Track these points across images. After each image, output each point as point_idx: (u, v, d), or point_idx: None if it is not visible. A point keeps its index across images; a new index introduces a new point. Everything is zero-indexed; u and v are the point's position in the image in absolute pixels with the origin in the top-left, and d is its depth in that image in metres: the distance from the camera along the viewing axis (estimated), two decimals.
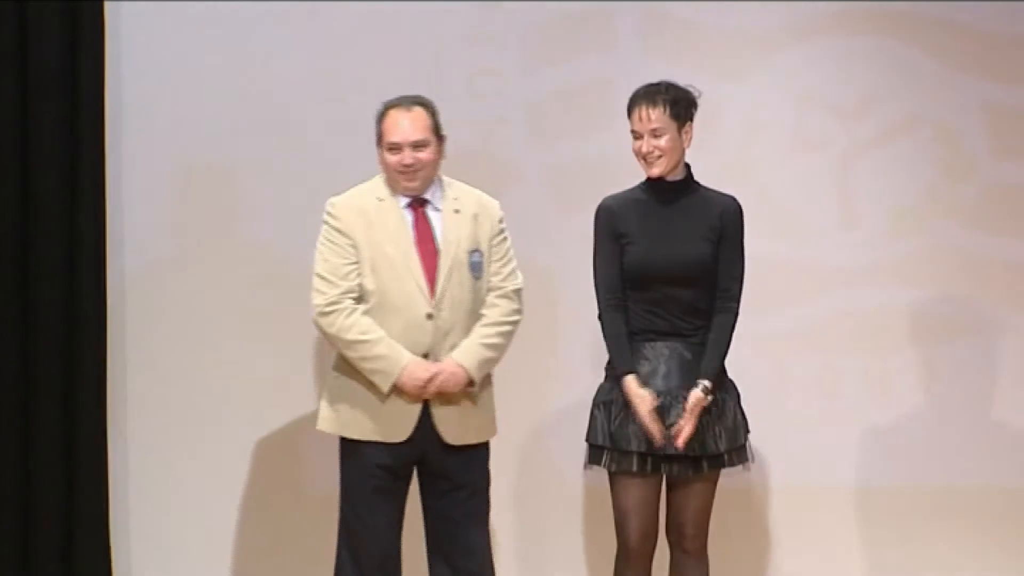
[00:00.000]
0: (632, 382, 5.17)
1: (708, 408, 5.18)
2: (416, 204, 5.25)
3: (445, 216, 5.23)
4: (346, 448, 5.24)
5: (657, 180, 5.24)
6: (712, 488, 5.28)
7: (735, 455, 5.26)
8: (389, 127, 5.20)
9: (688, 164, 5.27)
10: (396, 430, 5.15)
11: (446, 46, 6.26)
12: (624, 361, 5.20)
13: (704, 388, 5.15)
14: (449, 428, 5.17)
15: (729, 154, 6.12)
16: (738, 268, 5.27)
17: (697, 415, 5.14)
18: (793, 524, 6.39)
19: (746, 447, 5.29)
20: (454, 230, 5.21)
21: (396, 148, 5.18)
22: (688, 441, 5.13)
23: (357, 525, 5.22)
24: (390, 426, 5.15)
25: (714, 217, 5.24)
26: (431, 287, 5.17)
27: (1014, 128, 6.40)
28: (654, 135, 5.19)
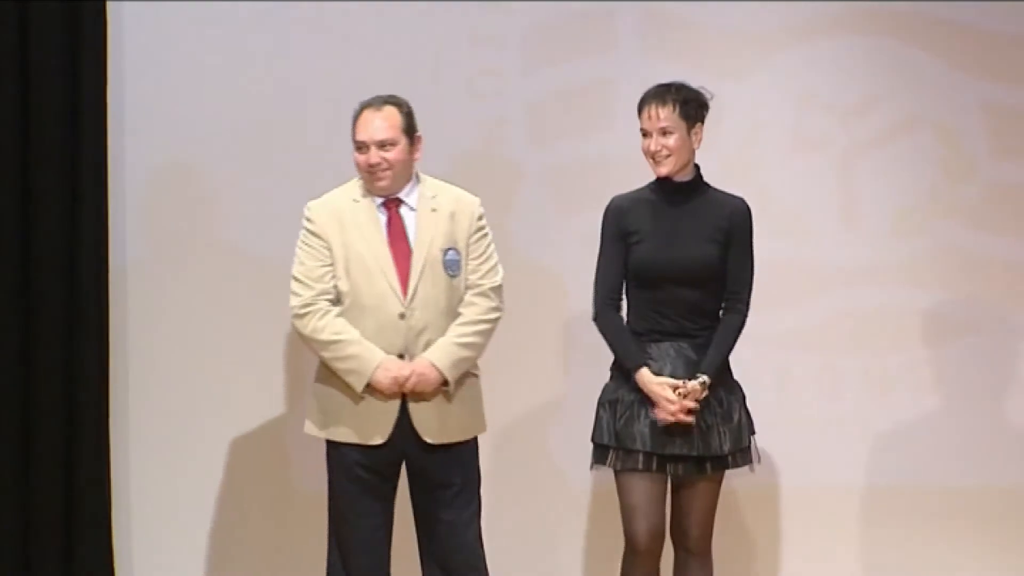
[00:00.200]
0: (647, 373, 5.16)
1: (714, 409, 5.19)
2: (390, 204, 5.24)
3: (420, 215, 5.22)
4: (330, 451, 5.24)
5: (666, 180, 5.24)
6: (716, 489, 5.28)
7: (740, 456, 5.27)
8: (358, 126, 5.20)
9: (697, 165, 5.27)
10: (375, 432, 5.15)
11: (446, 46, 6.25)
12: (633, 355, 5.20)
13: (702, 382, 5.15)
14: (428, 427, 5.16)
15: (729, 154, 6.11)
16: (748, 271, 5.28)
17: (692, 400, 5.13)
18: (794, 524, 6.39)
19: (751, 448, 5.29)
20: (429, 228, 5.19)
21: (363, 147, 5.18)
22: (690, 437, 5.14)
23: (344, 527, 5.22)
24: (369, 428, 5.15)
25: (723, 218, 5.23)
26: (403, 287, 5.15)
27: (1015, 128, 6.40)
28: (663, 134, 5.18)
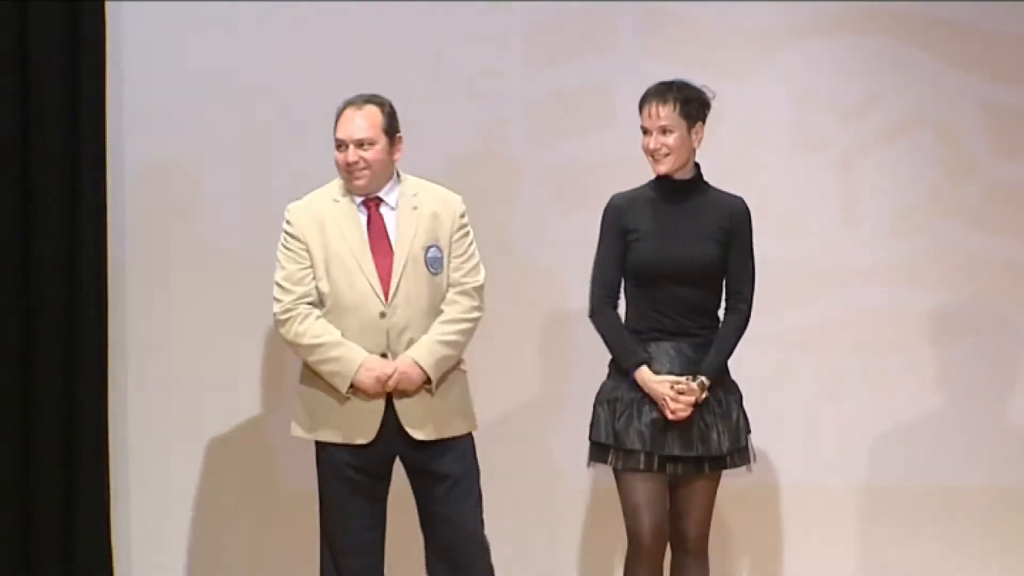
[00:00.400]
0: (647, 372, 5.16)
1: (712, 408, 5.18)
2: (370, 203, 5.23)
3: (401, 213, 5.21)
4: (319, 452, 5.24)
5: (666, 178, 5.23)
6: (714, 489, 5.28)
7: (737, 456, 5.26)
8: (339, 124, 5.20)
9: (698, 164, 5.26)
10: (362, 431, 5.14)
11: (446, 46, 6.25)
12: (631, 353, 5.19)
13: (700, 384, 5.14)
14: (415, 425, 5.15)
15: (730, 154, 6.10)
16: (749, 270, 5.27)
17: (691, 400, 5.12)
18: (794, 524, 6.38)
19: (748, 448, 5.28)
20: (410, 227, 5.19)
21: (342, 145, 5.18)
22: (689, 436, 5.13)
23: (335, 528, 5.22)
24: (356, 428, 5.15)
25: (723, 218, 5.23)
26: (384, 285, 5.15)
27: (1015, 128, 6.39)
28: (662, 132, 5.17)
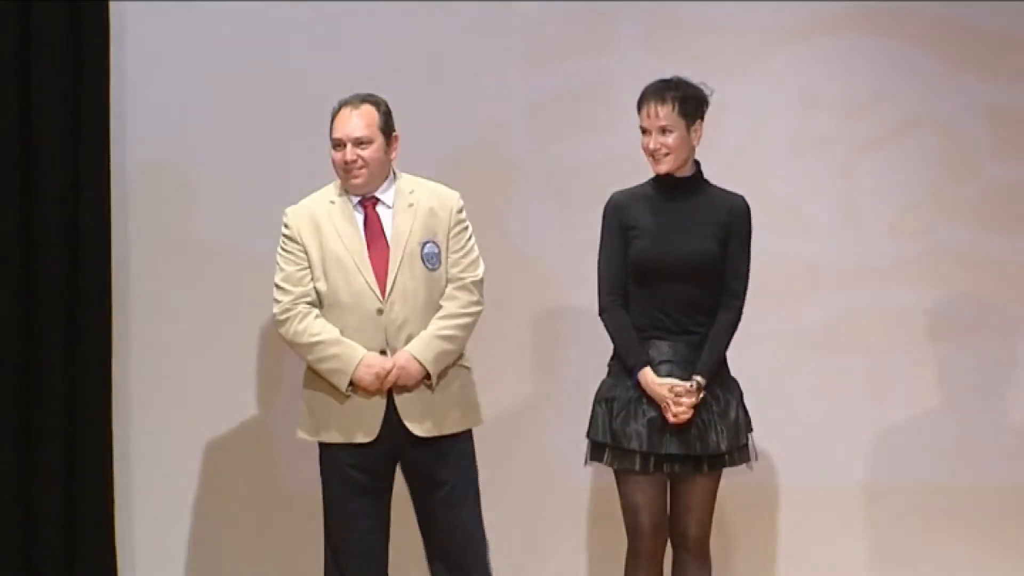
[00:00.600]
0: (648, 373, 5.16)
1: (711, 406, 5.18)
2: (367, 202, 5.25)
3: (397, 211, 5.23)
4: (322, 453, 5.25)
5: (666, 176, 5.23)
6: (714, 487, 5.27)
7: (737, 454, 5.25)
8: (335, 123, 5.21)
9: (698, 161, 5.27)
10: (364, 430, 5.15)
11: (446, 46, 6.25)
12: (635, 354, 5.19)
13: (696, 384, 5.14)
14: (416, 422, 5.16)
15: (730, 154, 6.10)
16: (744, 267, 5.26)
17: (688, 401, 5.12)
18: (793, 524, 6.37)
19: (748, 446, 5.28)
20: (406, 223, 5.21)
21: (339, 144, 5.19)
22: (687, 435, 5.13)
23: (338, 530, 5.23)
24: (358, 427, 5.16)
25: (722, 215, 5.22)
26: (381, 282, 5.16)
27: (1017, 128, 6.38)
28: (662, 132, 5.17)
